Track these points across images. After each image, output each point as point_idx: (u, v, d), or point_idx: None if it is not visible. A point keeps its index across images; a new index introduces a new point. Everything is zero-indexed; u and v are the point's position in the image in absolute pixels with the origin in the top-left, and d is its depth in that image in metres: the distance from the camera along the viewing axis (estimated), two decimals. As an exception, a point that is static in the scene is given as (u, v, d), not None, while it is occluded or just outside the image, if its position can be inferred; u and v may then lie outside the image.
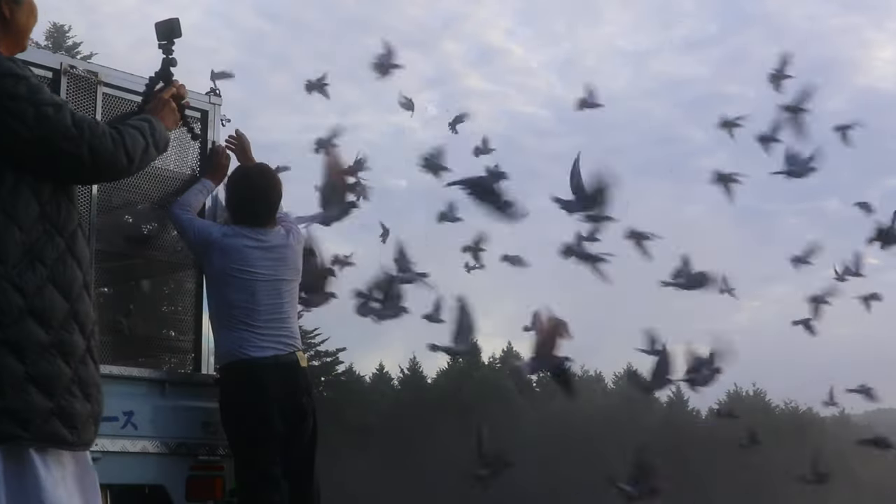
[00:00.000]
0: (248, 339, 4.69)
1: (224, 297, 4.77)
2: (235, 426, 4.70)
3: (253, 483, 4.66)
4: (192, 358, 5.12)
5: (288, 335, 4.80)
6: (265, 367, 4.68)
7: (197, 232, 4.83)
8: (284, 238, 4.92)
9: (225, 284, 4.76)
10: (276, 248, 4.85)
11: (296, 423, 4.76)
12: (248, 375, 4.68)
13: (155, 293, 5.21)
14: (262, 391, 4.66)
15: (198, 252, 4.89)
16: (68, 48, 34.15)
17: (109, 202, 4.87)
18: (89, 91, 4.78)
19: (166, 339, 5.22)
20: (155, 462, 4.71)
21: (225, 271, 4.75)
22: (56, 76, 4.66)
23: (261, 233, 4.84)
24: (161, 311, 5.22)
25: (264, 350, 4.70)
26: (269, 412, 4.66)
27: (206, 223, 4.94)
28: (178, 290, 5.23)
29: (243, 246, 4.77)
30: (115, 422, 4.59)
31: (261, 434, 4.66)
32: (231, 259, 4.75)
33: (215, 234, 4.82)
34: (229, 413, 4.73)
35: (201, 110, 5.23)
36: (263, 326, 4.72)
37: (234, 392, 4.72)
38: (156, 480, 4.71)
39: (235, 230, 4.86)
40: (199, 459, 4.80)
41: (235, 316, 4.72)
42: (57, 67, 4.67)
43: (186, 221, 4.87)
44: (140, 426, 4.66)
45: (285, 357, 4.75)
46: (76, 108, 4.67)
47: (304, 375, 4.83)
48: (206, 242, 4.80)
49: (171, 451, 4.75)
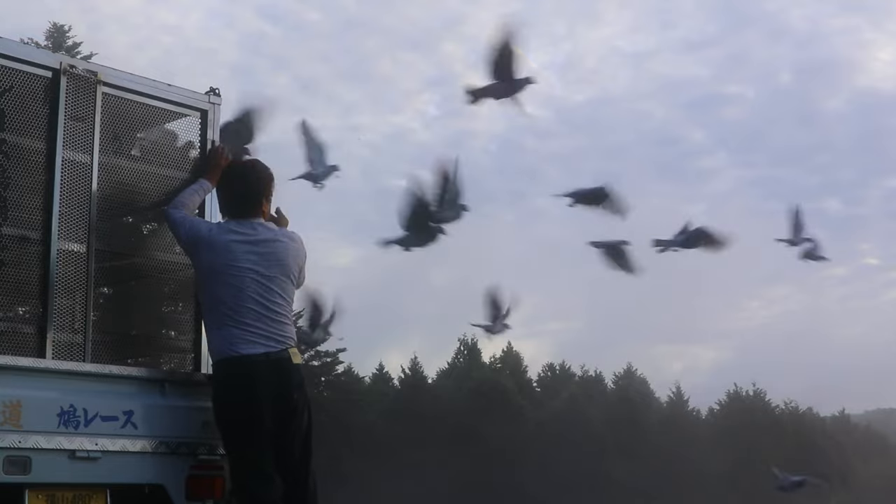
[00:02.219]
0: (238, 336, 4.67)
1: (212, 293, 4.75)
2: (226, 424, 4.70)
3: (247, 482, 4.65)
4: (192, 358, 5.12)
5: (279, 332, 4.75)
6: (256, 363, 4.65)
7: (188, 229, 4.83)
8: (274, 232, 4.90)
9: (213, 281, 4.75)
10: (264, 243, 4.81)
11: (287, 419, 4.73)
12: (239, 372, 4.66)
13: (155, 293, 5.21)
14: (252, 389, 4.64)
15: (188, 249, 4.88)
16: (68, 48, 34.17)
17: (109, 202, 4.87)
18: (89, 90, 4.79)
19: (166, 338, 5.22)
20: (155, 461, 4.71)
21: (213, 268, 4.74)
22: (56, 76, 4.66)
23: (248, 226, 4.83)
24: (161, 311, 5.22)
25: (254, 346, 4.67)
26: (258, 410, 4.63)
27: (197, 220, 4.93)
28: (178, 290, 5.23)
29: (229, 241, 4.76)
30: (115, 421, 4.59)
31: (250, 432, 4.64)
32: (217, 255, 4.74)
33: (203, 230, 4.82)
34: (220, 411, 4.72)
35: (201, 110, 5.23)
36: (253, 323, 4.69)
37: (225, 390, 4.71)
38: (156, 480, 4.71)
39: (222, 226, 4.86)
40: (199, 459, 4.80)
41: (224, 312, 4.70)
42: (56, 67, 4.68)
43: (178, 219, 4.87)
44: (140, 426, 4.66)
45: (277, 354, 4.71)
46: (76, 107, 4.72)
47: (296, 371, 4.79)
48: (195, 239, 4.80)
49: (171, 450, 4.75)
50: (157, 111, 5.12)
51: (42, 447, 4.32)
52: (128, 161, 5.01)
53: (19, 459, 4.27)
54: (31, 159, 4.59)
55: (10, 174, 4.50)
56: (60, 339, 4.58)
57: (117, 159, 4.93)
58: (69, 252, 4.66)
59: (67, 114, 4.69)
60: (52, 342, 4.53)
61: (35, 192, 4.59)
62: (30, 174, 4.60)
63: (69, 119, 4.69)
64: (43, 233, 4.58)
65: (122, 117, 4.96)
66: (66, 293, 4.64)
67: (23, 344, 4.47)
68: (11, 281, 4.49)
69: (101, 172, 4.81)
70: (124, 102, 4.96)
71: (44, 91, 4.65)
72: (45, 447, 4.34)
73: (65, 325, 4.63)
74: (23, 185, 4.56)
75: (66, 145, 4.66)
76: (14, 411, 4.27)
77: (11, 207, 4.50)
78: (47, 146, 4.61)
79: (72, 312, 4.69)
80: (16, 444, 4.25)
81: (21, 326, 4.55)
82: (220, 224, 4.90)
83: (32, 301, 4.62)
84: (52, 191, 4.59)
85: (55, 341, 4.55)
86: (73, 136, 4.71)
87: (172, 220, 4.88)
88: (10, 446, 4.23)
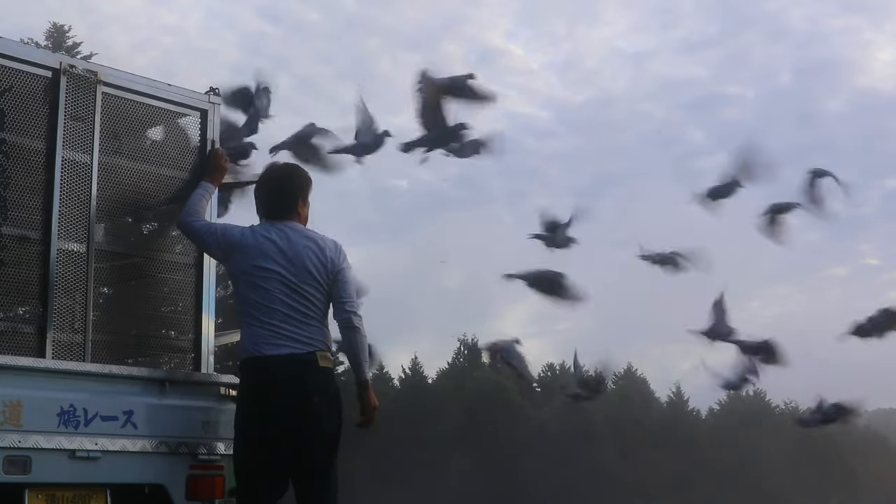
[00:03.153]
0: (263, 337, 4.66)
1: (243, 295, 4.76)
2: (238, 420, 4.71)
3: (239, 486, 4.67)
4: (192, 358, 5.12)
5: (306, 334, 4.71)
6: (278, 364, 4.63)
7: (219, 237, 4.83)
8: (305, 236, 4.85)
9: (243, 283, 4.75)
10: (294, 246, 4.78)
11: (309, 421, 4.67)
12: (259, 373, 4.65)
13: (155, 293, 5.21)
14: (267, 390, 4.62)
15: (221, 256, 4.90)
16: (68, 48, 34.15)
17: (109, 202, 4.87)
18: (89, 90, 4.79)
19: (166, 338, 5.21)
20: (155, 461, 4.71)
21: (243, 269, 4.74)
22: (55, 76, 4.66)
23: (279, 228, 4.82)
24: (161, 311, 5.22)
25: (279, 348, 4.65)
26: (265, 412, 4.61)
27: (228, 227, 4.93)
28: (178, 290, 5.23)
29: (260, 243, 4.76)
30: (115, 421, 4.59)
31: (250, 434, 4.63)
32: (249, 257, 4.74)
33: (237, 235, 4.82)
34: (238, 407, 4.74)
35: (201, 110, 5.23)
36: (279, 324, 4.67)
37: (244, 388, 4.72)
38: (156, 480, 4.71)
39: (254, 229, 4.86)
40: (199, 459, 4.80)
41: (252, 314, 4.70)
42: (56, 67, 4.68)
43: (203, 228, 4.88)
44: (140, 425, 4.66)
45: (302, 356, 4.67)
46: (76, 107, 4.72)
47: (322, 374, 4.72)
48: (228, 245, 4.80)
49: (172, 450, 4.75)
50: (156, 111, 5.12)
51: (42, 447, 4.32)
52: (128, 161, 5.01)
53: (19, 459, 4.26)
54: (31, 159, 4.59)
55: (10, 174, 4.50)
56: (60, 338, 4.59)
57: (117, 159, 4.93)
58: (69, 252, 4.67)
59: (67, 114, 4.69)
60: (52, 342, 4.53)
61: (35, 191, 4.59)
62: (30, 174, 4.60)
63: (69, 119, 4.70)
64: (43, 233, 4.58)
65: (122, 117, 4.96)
66: (66, 293, 4.64)
67: (23, 344, 4.47)
68: (11, 281, 4.49)
69: (101, 172, 4.81)
70: (124, 102, 4.96)
71: (44, 91, 4.65)
72: (45, 447, 4.33)
73: (65, 325, 4.63)
74: (23, 185, 4.56)
75: (66, 145, 4.66)
76: (14, 411, 4.27)
77: (11, 207, 4.50)
78: (47, 146, 4.62)
79: (72, 312, 4.69)
80: (16, 443, 4.25)
81: (21, 326, 4.55)
82: (252, 227, 4.89)
83: (32, 301, 4.62)
84: (52, 191, 4.59)
85: (55, 341, 4.55)
86: (73, 135, 4.71)
87: (195, 230, 4.89)
88: (10, 446, 4.23)
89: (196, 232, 4.90)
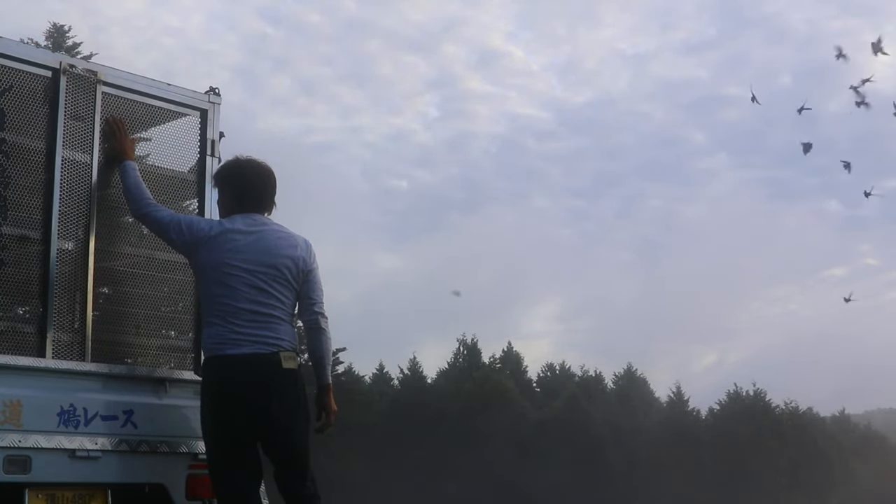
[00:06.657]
0: (225, 336, 4.59)
1: (208, 291, 4.69)
2: (203, 423, 4.66)
3: (215, 487, 4.63)
4: (192, 358, 5.11)
5: (272, 335, 4.64)
6: (239, 364, 4.55)
7: (184, 231, 4.71)
8: (277, 234, 4.79)
9: (209, 279, 4.68)
10: (265, 243, 4.71)
11: (276, 421, 4.61)
12: (221, 373, 4.58)
13: (155, 293, 5.20)
14: (231, 391, 4.55)
15: (186, 249, 4.77)
16: (68, 48, 34.10)
17: (109, 201, 4.87)
18: (88, 90, 4.78)
19: (166, 338, 5.21)
20: (155, 461, 4.71)
21: (210, 265, 4.66)
22: (55, 75, 4.66)
23: (252, 223, 4.75)
24: (161, 311, 5.21)
25: (241, 347, 4.58)
26: (232, 413, 4.55)
27: (194, 219, 4.84)
28: (178, 290, 5.22)
29: (229, 239, 4.68)
30: (114, 421, 4.60)
31: (219, 434, 4.59)
32: (216, 253, 4.65)
33: (205, 229, 4.72)
34: (201, 410, 4.68)
35: (201, 110, 5.23)
36: (243, 324, 4.60)
37: (206, 390, 4.66)
38: (156, 479, 4.71)
39: (222, 224, 4.77)
40: (198, 458, 4.79)
41: (216, 312, 4.63)
42: (56, 67, 4.68)
43: (166, 220, 4.75)
44: (140, 425, 4.66)
45: (266, 357, 4.59)
46: (76, 106, 4.71)
47: (287, 375, 4.63)
48: (195, 239, 4.70)
49: (171, 450, 4.75)
50: (156, 111, 5.11)
51: (42, 447, 4.32)
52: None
53: (19, 459, 4.26)
54: (31, 159, 4.59)
55: (10, 174, 4.49)
56: (60, 338, 4.58)
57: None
58: (69, 252, 4.66)
59: (67, 113, 4.68)
60: (52, 342, 4.53)
61: (35, 191, 4.58)
62: (30, 174, 4.59)
63: (69, 118, 4.69)
64: (43, 232, 4.57)
65: (122, 117, 4.95)
66: (66, 293, 4.63)
67: (23, 343, 4.46)
68: (11, 280, 4.48)
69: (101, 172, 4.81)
70: (124, 102, 4.95)
71: (44, 91, 4.64)
72: (46, 446, 4.34)
73: (65, 324, 4.63)
74: (23, 185, 4.55)
75: (66, 145, 4.66)
76: (14, 411, 4.27)
77: (11, 207, 4.49)
78: (47, 146, 4.61)
79: (72, 312, 4.68)
80: (16, 443, 4.25)
81: (21, 326, 4.54)
82: (219, 222, 4.82)
83: (32, 301, 4.61)
84: (52, 190, 4.58)
85: (55, 341, 4.54)
86: (73, 135, 4.70)
87: (158, 221, 4.76)
88: (10, 446, 4.23)
89: (159, 223, 4.76)
